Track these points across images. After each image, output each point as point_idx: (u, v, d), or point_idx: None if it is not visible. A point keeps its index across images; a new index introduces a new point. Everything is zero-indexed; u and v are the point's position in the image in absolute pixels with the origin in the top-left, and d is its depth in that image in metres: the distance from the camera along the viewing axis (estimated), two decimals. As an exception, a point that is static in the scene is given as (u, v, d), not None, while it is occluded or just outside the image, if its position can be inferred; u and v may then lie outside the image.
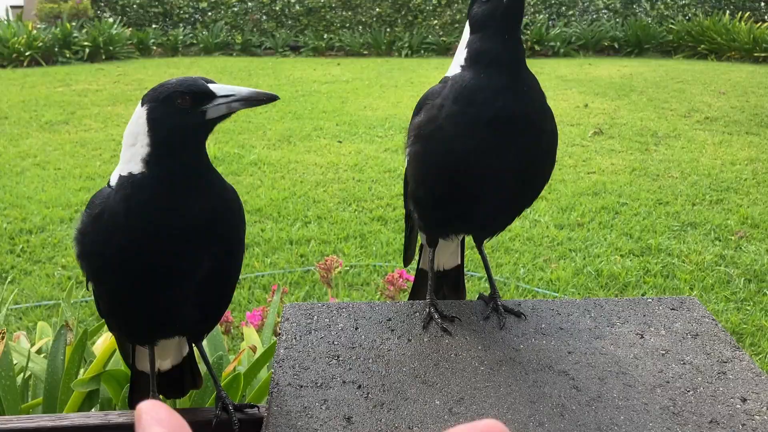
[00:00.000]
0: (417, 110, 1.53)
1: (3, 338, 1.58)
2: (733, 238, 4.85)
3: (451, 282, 1.84)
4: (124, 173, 1.27)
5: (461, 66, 1.48)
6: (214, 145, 6.77)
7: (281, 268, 4.44)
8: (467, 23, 1.53)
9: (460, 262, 1.83)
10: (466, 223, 1.57)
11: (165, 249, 1.25)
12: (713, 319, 1.62)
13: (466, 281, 4.24)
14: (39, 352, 2.09)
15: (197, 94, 1.23)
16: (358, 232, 4.96)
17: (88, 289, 1.38)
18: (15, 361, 1.94)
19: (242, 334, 2.68)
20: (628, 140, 7.19)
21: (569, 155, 6.68)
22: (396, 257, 4.58)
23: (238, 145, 6.96)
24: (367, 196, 5.63)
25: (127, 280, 1.28)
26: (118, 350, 1.63)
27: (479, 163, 1.41)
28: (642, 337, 1.56)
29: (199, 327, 1.45)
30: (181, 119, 1.24)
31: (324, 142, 7.19)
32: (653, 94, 9.37)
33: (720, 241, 4.83)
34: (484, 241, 1.70)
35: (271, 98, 1.26)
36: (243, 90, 1.25)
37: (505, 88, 1.41)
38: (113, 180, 1.31)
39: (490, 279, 1.69)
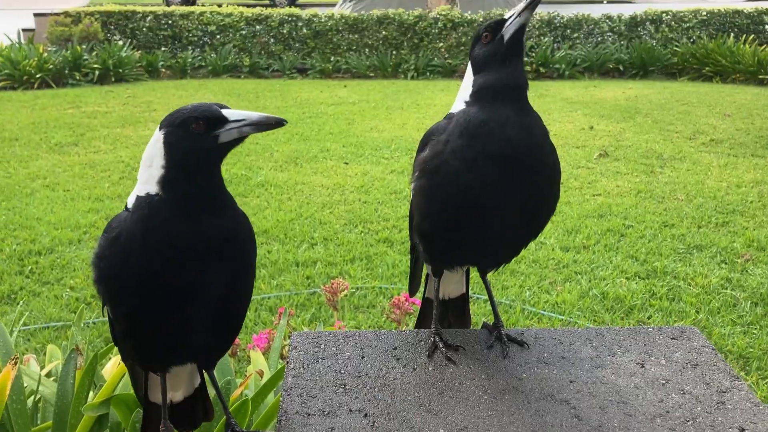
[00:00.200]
0: (422, 146, 1.57)
1: (15, 364, 1.61)
2: (739, 261, 4.85)
3: (456, 310, 1.87)
4: (142, 194, 1.33)
5: (465, 102, 1.53)
6: (222, 167, 6.82)
7: (287, 290, 4.47)
8: (470, 63, 1.57)
9: (465, 291, 1.86)
10: (470, 255, 1.60)
11: (180, 268, 1.30)
12: (713, 349, 1.64)
13: (471, 303, 4.24)
14: (48, 375, 2.12)
15: (210, 120, 1.29)
16: (364, 254, 4.98)
17: (104, 315, 1.41)
18: (25, 384, 1.97)
19: (249, 356, 2.70)
20: (633, 162, 7.22)
21: (575, 177, 6.71)
22: (402, 279, 4.60)
23: (246, 167, 7.02)
24: (373, 218, 5.66)
25: (144, 301, 1.32)
26: (128, 376, 1.65)
27: (484, 196, 1.45)
28: (642, 366, 1.58)
29: (211, 351, 1.48)
30: (195, 143, 1.30)
31: (330, 163, 7.24)
32: (658, 117, 9.41)
33: (726, 264, 4.83)
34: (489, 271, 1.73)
35: (279, 122, 1.32)
36: (253, 115, 1.31)
37: (509, 123, 1.45)
38: (130, 201, 1.36)
39: (493, 308, 1.72)
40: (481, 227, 1.50)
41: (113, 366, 2.00)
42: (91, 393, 1.84)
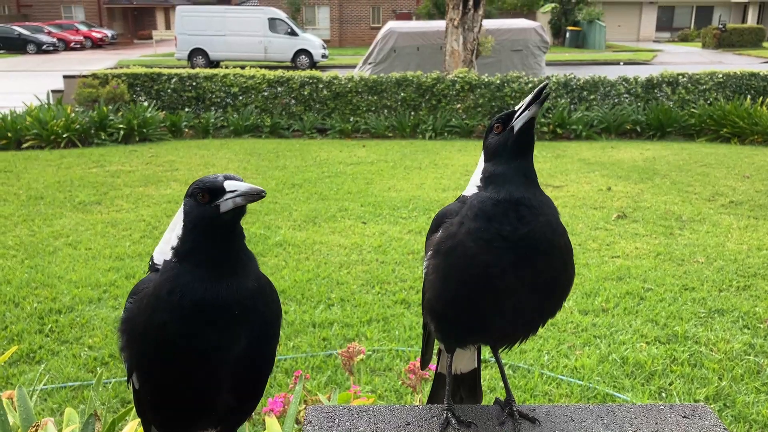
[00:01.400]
0: (434, 228, 1.61)
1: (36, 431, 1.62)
2: (762, 326, 4.78)
3: (468, 385, 1.87)
4: (167, 257, 1.43)
5: (477, 187, 1.58)
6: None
7: (304, 352, 4.45)
8: (482, 151, 1.63)
9: (476, 366, 1.87)
10: (483, 335, 1.62)
11: (201, 328, 1.36)
12: (724, 428, 1.61)
13: (487, 368, 4.18)
14: (65, 440, 2.12)
15: (212, 191, 1.39)
16: (381, 316, 4.97)
17: (128, 387, 1.45)
18: (41, 449, 1.97)
19: (263, 420, 2.69)
20: (652, 224, 7.20)
21: (593, 239, 6.69)
22: (419, 341, 4.57)
23: (264, 226, 7.09)
24: (390, 279, 5.67)
25: (167, 361, 1.37)
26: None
27: (499, 278, 1.48)
28: None
29: (233, 416, 1.51)
30: (201, 212, 1.40)
31: (348, 223, 7.29)
32: (677, 178, 9.41)
33: (748, 329, 4.76)
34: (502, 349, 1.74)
35: (260, 194, 1.39)
36: (243, 186, 1.39)
37: (522, 205, 1.50)
38: (157, 259, 1.47)
39: (505, 384, 1.73)
40: (495, 308, 1.53)
41: (130, 430, 2.01)
42: (106, 459, 1.84)
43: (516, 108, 1.58)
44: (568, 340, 4.60)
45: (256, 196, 1.38)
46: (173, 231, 1.45)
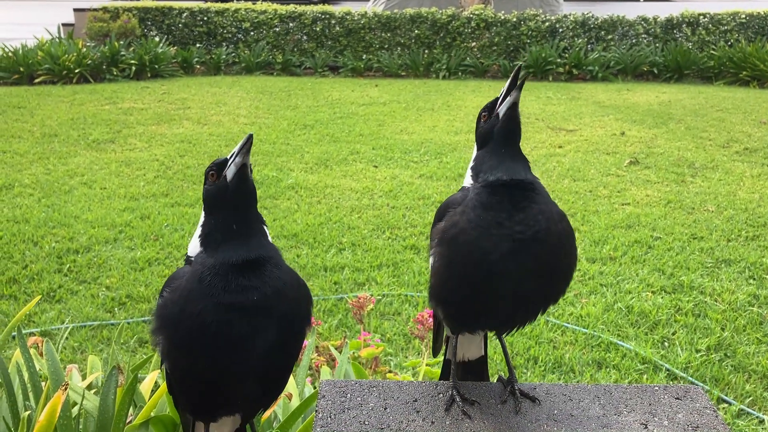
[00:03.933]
0: (439, 217, 1.68)
1: (65, 390, 1.72)
2: (767, 277, 4.83)
3: (476, 372, 1.97)
4: (199, 248, 1.50)
5: (471, 175, 1.68)
6: (253, 168, 6.93)
7: (315, 295, 4.56)
8: (475, 140, 1.70)
9: (484, 353, 1.96)
10: (486, 320, 1.69)
11: (230, 319, 1.40)
12: (714, 410, 1.70)
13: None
14: (89, 387, 2.23)
15: (219, 165, 1.46)
16: (391, 261, 5.06)
17: (161, 370, 1.51)
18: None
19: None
20: (664, 171, 7.18)
21: (604, 185, 6.70)
22: (427, 287, 4.66)
23: (277, 168, 7.14)
24: (400, 224, 5.73)
25: (200, 347, 1.41)
26: (165, 397, 1.75)
27: (497, 264, 1.54)
28: (646, 427, 1.66)
29: (258, 403, 1.58)
30: (214, 190, 1.47)
31: (360, 166, 7.32)
32: (691, 123, 9.31)
33: (754, 279, 4.81)
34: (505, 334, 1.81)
35: (248, 140, 1.44)
36: (236, 148, 1.45)
37: (514, 189, 1.58)
38: (191, 252, 1.52)
39: (508, 363, 1.81)
40: (496, 294, 1.59)
41: (150, 382, 2.11)
42: (131, 409, 1.95)
43: (499, 96, 1.64)
44: (575, 288, 4.68)
45: (245, 143, 1.42)
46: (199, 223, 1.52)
